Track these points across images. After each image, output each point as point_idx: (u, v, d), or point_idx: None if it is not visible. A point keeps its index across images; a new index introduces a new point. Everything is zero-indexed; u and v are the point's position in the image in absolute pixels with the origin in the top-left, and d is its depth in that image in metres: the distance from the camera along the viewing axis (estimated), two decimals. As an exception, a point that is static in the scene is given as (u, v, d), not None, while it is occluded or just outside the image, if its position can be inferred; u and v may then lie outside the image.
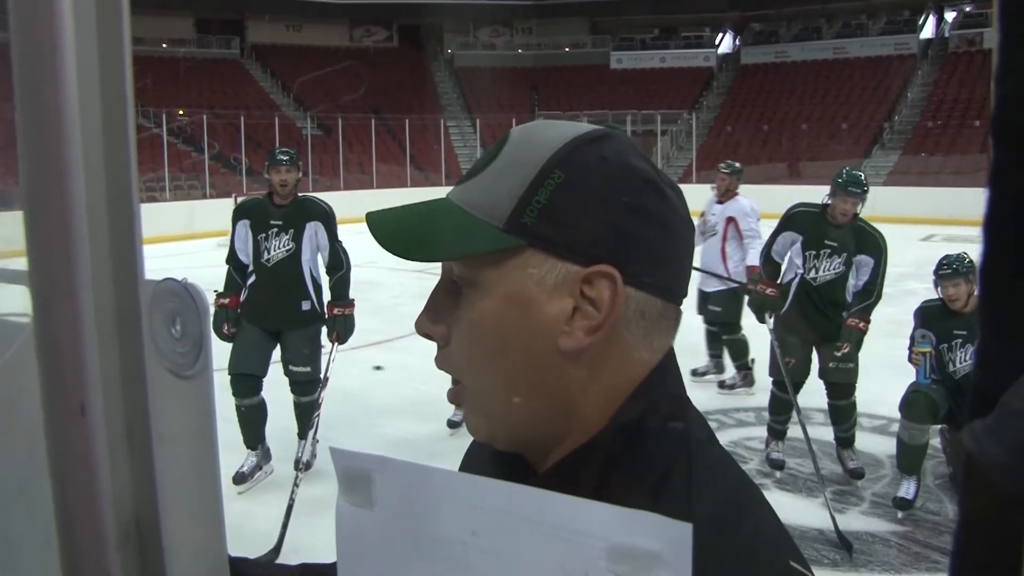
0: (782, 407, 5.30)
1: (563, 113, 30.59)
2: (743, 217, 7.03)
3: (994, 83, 0.39)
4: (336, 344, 5.10)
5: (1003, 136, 0.36)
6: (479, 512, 0.48)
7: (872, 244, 5.11)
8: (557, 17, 34.85)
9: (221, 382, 4.48)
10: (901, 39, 31.44)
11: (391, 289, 10.77)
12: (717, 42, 35.14)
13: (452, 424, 5.80)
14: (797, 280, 5.26)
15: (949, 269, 4.70)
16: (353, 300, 5.25)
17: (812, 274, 5.19)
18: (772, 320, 5.28)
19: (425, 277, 6.87)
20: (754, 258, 6.47)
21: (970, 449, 0.48)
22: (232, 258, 5.19)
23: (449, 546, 0.50)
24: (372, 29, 35.56)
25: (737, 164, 7.59)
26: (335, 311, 5.14)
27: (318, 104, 28.98)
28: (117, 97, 0.47)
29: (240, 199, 5.43)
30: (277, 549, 4.08)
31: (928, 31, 31.99)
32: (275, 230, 5.11)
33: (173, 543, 0.53)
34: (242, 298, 5.15)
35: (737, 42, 35.18)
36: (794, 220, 5.32)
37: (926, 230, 17.35)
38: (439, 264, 0.75)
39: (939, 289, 4.78)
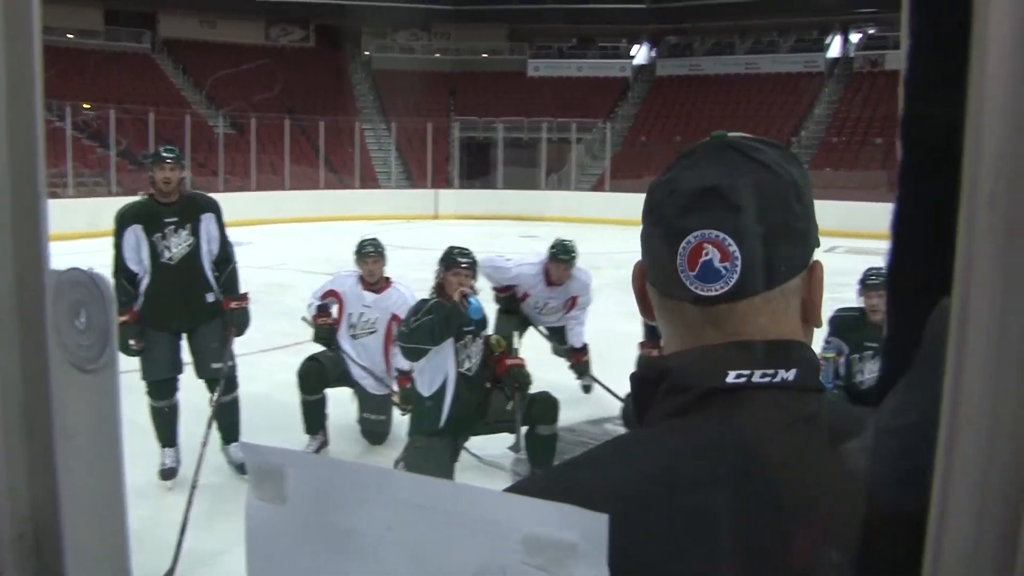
0: None
1: (479, 119, 30.63)
2: (585, 291, 6.56)
3: (903, 94, 0.39)
4: (232, 338, 5.14)
5: (912, 145, 0.38)
6: (395, 506, 0.48)
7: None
8: (476, 23, 34.86)
9: (128, 383, 4.36)
10: (809, 57, 32.41)
11: (301, 291, 10.59)
12: (633, 53, 35.62)
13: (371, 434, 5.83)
14: None
15: (877, 279, 4.75)
16: (247, 293, 5.27)
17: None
18: None
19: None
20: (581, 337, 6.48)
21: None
22: (122, 269, 5.00)
23: (362, 540, 0.49)
24: (289, 28, 35.04)
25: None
26: (232, 305, 5.14)
27: (231, 102, 28.39)
28: (24, 83, 0.45)
29: (122, 205, 5.26)
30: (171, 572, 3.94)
31: (835, 50, 33.06)
32: (172, 227, 5.01)
33: (73, 543, 0.51)
34: (138, 306, 5.02)
35: (653, 54, 35.71)
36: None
37: (831, 242, 17.82)
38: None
39: (863, 299, 4.85)
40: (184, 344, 5.21)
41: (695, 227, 0.78)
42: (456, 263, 4.87)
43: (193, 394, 5.30)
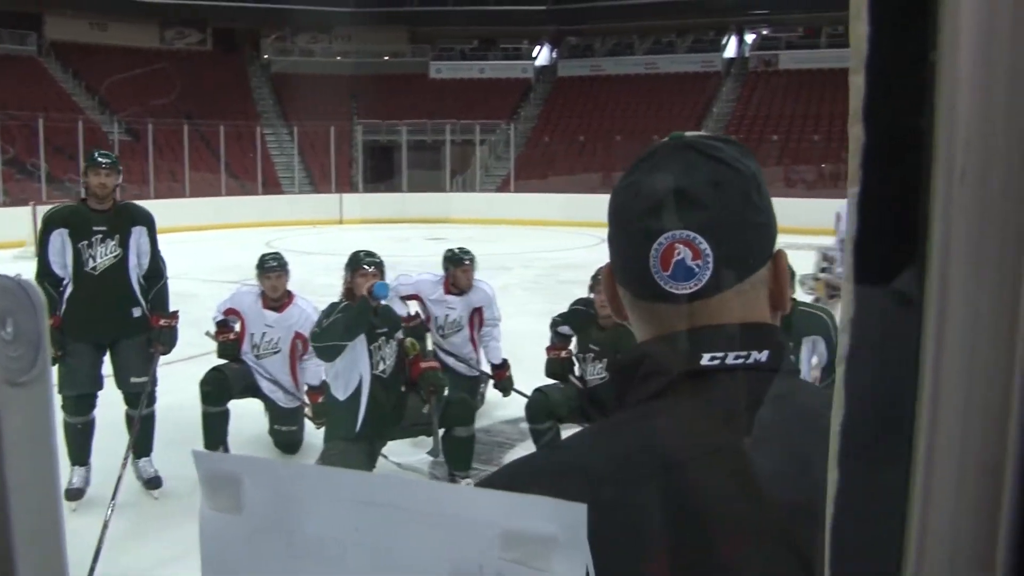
0: None
1: (382, 122, 30.43)
2: (489, 305, 6.38)
3: (865, 80, 0.41)
4: (158, 355, 4.99)
5: (876, 129, 0.39)
6: (361, 507, 0.46)
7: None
8: (376, 25, 34.61)
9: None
10: (707, 57, 33.18)
11: (205, 301, 10.36)
12: (535, 55, 35.90)
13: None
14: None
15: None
16: (177, 312, 5.11)
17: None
18: None
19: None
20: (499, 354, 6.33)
21: None
22: (46, 273, 4.81)
23: (328, 545, 0.47)
24: (184, 31, 34.19)
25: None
26: (161, 322, 4.97)
27: (126, 107, 27.57)
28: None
29: (52, 207, 5.08)
30: None
31: (731, 51, 33.92)
32: (99, 236, 4.83)
33: (9, 565, 0.48)
34: (61, 313, 4.83)
35: (554, 55, 36.05)
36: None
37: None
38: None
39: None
40: (106, 359, 5.03)
41: (665, 228, 0.81)
42: (361, 265, 4.87)
43: (108, 411, 5.14)
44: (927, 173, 0.36)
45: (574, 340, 5.35)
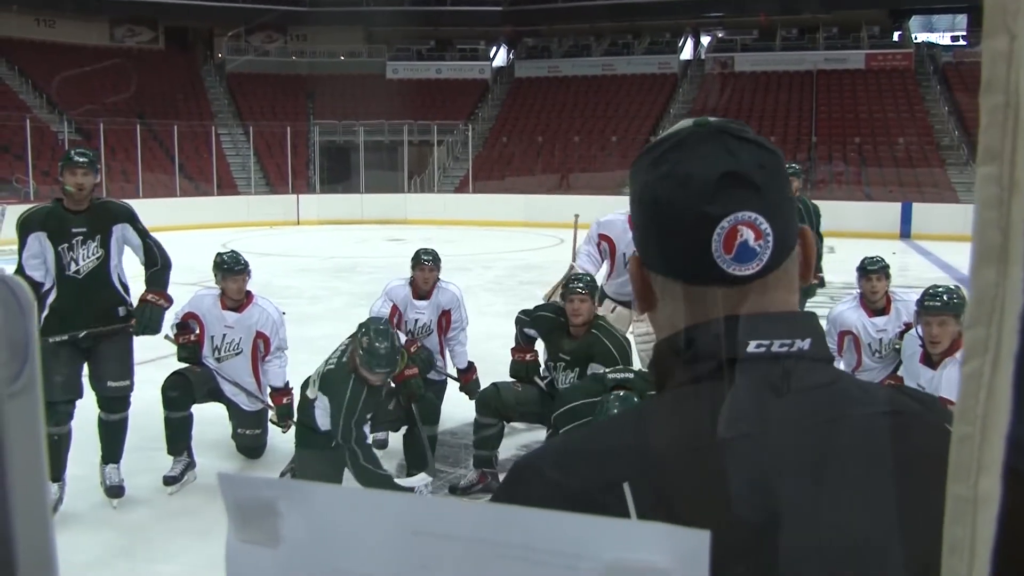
0: None
1: (339, 122, 30.16)
2: (457, 307, 6.08)
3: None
4: (136, 333, 4.84)
5: None
6: (426, 540, 0.39)
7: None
8: (332, 25, 34.31)
9: None
10: (663, 59, 33.37)
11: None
12: (492, 55, 35.83)
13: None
14: None
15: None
16: (170, 295, 4.97)
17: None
18: None
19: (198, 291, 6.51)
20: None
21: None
22: (23, 278, 4.63)
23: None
24: (136, 29, 33.59)
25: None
26: (149, 296, 4.84)
27: (76, 107, 27.00)
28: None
29: (28, 209, 4.89)
30: None
31: (687, 53, 34.12)
32: (80, 238, 4.64)
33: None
34: (42, 318, 4.61)
35: (511, 56, 36.02)
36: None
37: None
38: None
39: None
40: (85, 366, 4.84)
41: (727, 211, 0.82)
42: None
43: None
44: None
45: (542, 345, 5.29)
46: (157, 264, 4.93)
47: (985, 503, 0.41)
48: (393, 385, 5.03)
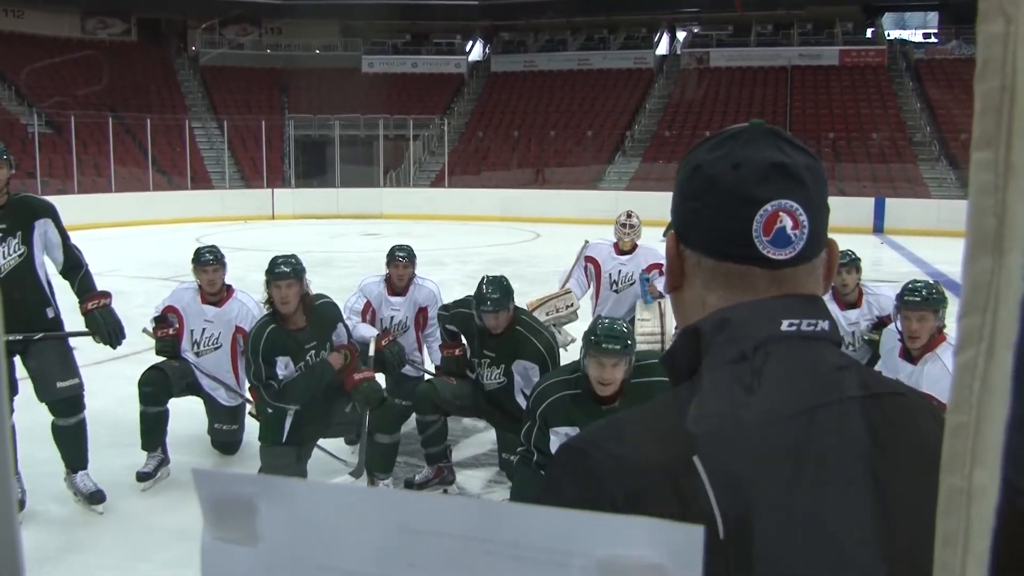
0: None
1: (314, 116, 30.01)
2: (435, 303, 5.87)
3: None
4: (106, 344, 4.66)
5: None
6: (413, 537, 0.38)
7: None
8: (307, 18, 34.13)
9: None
10: (639, 54, 33.45)
11: (135, 298, 10.09)
12: (468, 49, 35.76)
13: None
14: None
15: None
16: (108, 292, 4.76)
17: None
18: None
19: (171, 286, 6.46)
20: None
21: None
22: None
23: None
24: (108, 21, 33.21)
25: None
26: (90, 305, 4.60)
27: (46, 99, 26.66)
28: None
29: None
30: None
31: (663, 48, 34.21)
32: None
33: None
34: None
35: (487, 50, 35.97)
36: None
37: (657, 232, 18.37)
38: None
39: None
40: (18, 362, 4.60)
41: (771, 197, 0.89)
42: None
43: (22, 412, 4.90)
44: None
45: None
46: (78, 265, 4.70)
47: (980, 495, 0.40)
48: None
